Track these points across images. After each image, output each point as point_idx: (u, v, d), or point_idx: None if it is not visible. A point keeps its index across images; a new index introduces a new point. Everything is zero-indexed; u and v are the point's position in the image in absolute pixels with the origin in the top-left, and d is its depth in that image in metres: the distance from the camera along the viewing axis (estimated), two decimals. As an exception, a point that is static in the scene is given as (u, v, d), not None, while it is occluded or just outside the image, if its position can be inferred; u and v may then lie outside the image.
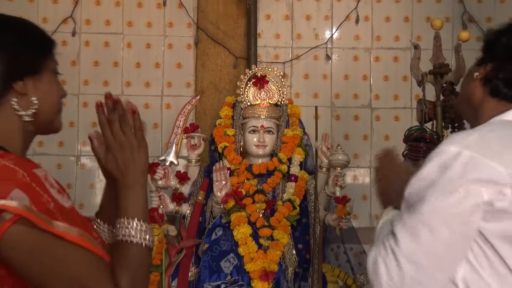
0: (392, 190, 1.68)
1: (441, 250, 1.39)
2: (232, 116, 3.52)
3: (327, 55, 4.20)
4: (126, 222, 1.35)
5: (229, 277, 3.11)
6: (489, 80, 1.58)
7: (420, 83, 2.87)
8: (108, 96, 1.39)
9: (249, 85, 3.50)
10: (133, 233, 1.34)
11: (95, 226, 1.53)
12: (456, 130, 2.76)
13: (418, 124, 2.81)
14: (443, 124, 2.77)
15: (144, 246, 1.34)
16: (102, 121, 1.40)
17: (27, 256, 1.21)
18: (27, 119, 1.37)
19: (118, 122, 1.39)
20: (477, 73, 1.60)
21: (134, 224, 1.34)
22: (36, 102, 1.37)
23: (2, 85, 1.34)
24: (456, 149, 1.39)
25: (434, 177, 1.40)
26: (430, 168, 1.42)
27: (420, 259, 1.38)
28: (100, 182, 4.02)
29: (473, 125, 1.64)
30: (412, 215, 1.41)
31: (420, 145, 2.69)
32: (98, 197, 3.93)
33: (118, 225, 1.35)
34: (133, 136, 1.40)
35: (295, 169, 3.43)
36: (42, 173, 1.27)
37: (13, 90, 1.35)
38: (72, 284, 1.24)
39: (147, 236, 1.35)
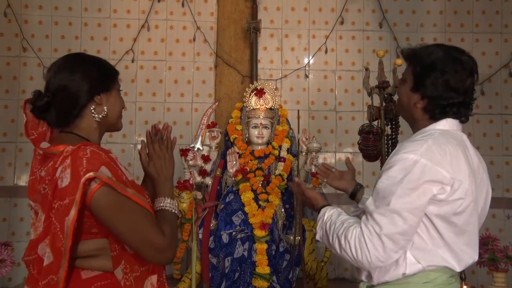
0: (311, 204, 1.78)
1: (410, 230, 1.43)
2: (240, 117, 3.48)
3: (305, 75, 4.13)
4: (163, 199, 1.44)
5: (238, 227, 3.07)
6: (427, 110, 1.54)
7: (369, 94, 2.81)
8: (153, 126, 1.52)
9: (252, 95, 3.45)
10: (167, 205, 1.43)
11: None
12: (393, 126, 2.71)
13: (368, 122, 2.74)
14: (385, 122, 2.70)
15: (173, 212, 1.44)
16: (148, 141, 1.51)
17: (108, 211, 1.27)
18: (98, 120, 1.42)
19: (158, 142, 1.50)
20: (417, 103, 1.54)
21: (167, 200, 1.44)
22: (106, 110, 1.44)
23: (88, 96, 1.40)
24: (414, 157, 1.41)
25: (399, 178, 1.42)
26: (395, 170, 1.43)
27: (398, 237, 1.42)
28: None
29: (411, 124, 1.63)
30: (386, 206, 1.42)
31: (369, 136, 2.62)
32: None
33: (158, 201, 1.44)
34: (166, 152, 1.50)
35: (283, 153, 3.38)
36: (114, 156, 1.36)
37: (93, 101, 1.41)
38: (136, 231, 1.30)
39: (174, 207, 1.45)
